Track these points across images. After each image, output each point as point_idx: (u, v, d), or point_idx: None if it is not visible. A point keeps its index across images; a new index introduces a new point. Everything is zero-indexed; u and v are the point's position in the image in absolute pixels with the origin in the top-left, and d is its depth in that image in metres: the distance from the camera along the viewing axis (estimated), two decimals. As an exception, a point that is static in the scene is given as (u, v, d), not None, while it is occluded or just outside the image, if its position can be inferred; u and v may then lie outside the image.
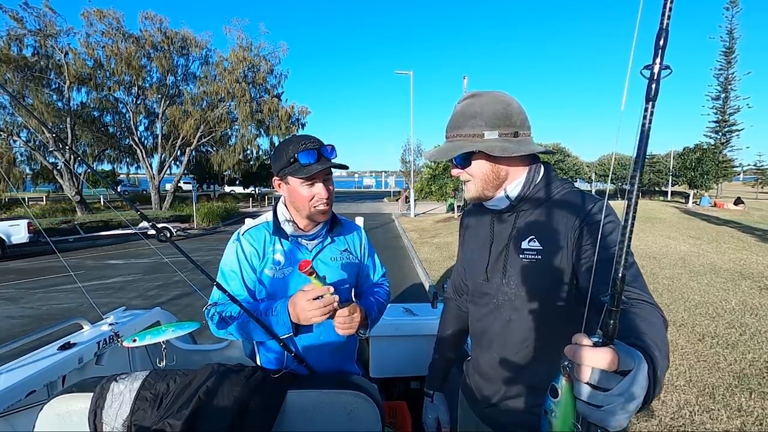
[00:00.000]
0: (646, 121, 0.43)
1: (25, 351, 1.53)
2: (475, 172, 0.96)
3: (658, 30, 0.42)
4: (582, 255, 0.85)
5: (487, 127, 0.92)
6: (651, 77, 0.43)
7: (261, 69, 20.39)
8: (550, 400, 0.50)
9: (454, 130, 0.95)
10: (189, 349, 2.09)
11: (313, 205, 1.18)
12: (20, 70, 15.20)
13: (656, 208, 17.60)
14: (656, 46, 0.42)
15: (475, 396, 1.09)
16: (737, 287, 5.81)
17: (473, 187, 0.98)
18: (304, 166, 1.12)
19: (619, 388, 0.46)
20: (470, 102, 0.95)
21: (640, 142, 0.44)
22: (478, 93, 0.96)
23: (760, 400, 2.97)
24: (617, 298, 0.48)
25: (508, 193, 0.97)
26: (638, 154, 0.45)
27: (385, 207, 25.05)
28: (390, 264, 8.31)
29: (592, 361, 0.47)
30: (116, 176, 32.96)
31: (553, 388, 0.50)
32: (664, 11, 0.41)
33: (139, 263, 9.13)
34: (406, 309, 2.28)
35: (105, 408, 1.04)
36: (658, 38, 0.42)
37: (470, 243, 1.12)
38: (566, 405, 0.49)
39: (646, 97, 0.43)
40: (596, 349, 0.47)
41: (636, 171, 0.45)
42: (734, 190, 33.54)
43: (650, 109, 0.43)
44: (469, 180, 0.98)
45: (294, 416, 1.08)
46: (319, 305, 1.02)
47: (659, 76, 0.43)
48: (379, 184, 58.95)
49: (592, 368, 0.47)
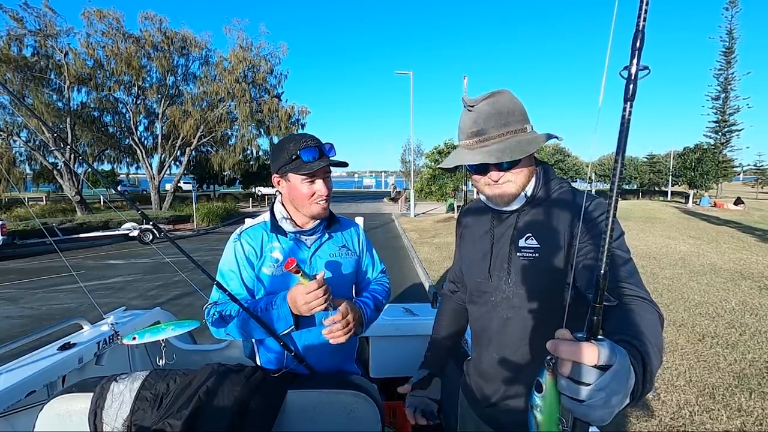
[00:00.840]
0: (624, 120, 0.45)
1: (25, 351, 1.53)
2: (520, 170, 0.92)
3: (634, 32, 0.43)
4: (578, 252, 0.85)
5: (526, 121, 0.91)
6: (628, 78, 0.44)
7: (261, 69, 20.37)
8: (535, 395, 0.51)
9: (500, 128, 0.88)
10: (189, 349, 2.09)
11: (313, 201, 1.19)
12: (20, 70, 15.18)
13: (656, 208, 17.61)
14: (633, 48, 0.44)
15: (475, 395, 1.09)
16: (737, 287, 5.81)
17: (515, 185, 0.92)
18: (306, 162, 1.13)
19: (599, 383, 0.46)
20: (497, 99, 0.90)
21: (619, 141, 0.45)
22: (497, 92, 0.91)
23: (760, 400, 2.97)
24: (600, 294, 0.49)
25: (526, 192, 0.96)
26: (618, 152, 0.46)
27: (384, 207, 25.04)
28: (390, 264, 8.31)
29: (572, 356, 0.47)
30: (116, 176, 32.96)
31: (538, 383, 0.51)
32: (640, 13, 0.42)
33: (139, 263, 9.13)
34: (406, 309, 2.28)
35: (105, 408, 1.04)
36: (635, 40, 0.43)
37: (470, 242, 1.12)
38: (551, 400, 0.50)
39: (624, 97, 0.44)
40: (576, 344, 0.47)
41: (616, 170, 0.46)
42: (734, 190, 33.55)
43: (628, 109, 0.44)
44: (509, 180, 0.92)
45: (294, 416, 1.08)
46: (318, 293, 1.04)
47: (636, 77, 0.44)
48: (379, 184, 58.95)
49: (573, 363, 0.47)
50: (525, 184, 0.94)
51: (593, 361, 0.47)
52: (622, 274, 0.76)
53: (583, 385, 0.47)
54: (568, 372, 0.48)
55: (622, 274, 0.76)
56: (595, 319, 0.48)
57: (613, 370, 0.47)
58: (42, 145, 17.70)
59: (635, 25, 0.43)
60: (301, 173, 1.14)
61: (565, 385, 0.48)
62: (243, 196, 30.82)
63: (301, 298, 1.05)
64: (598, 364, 0.47)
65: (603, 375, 0.46)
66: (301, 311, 1.08)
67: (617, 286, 0.74)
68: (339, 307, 1.11)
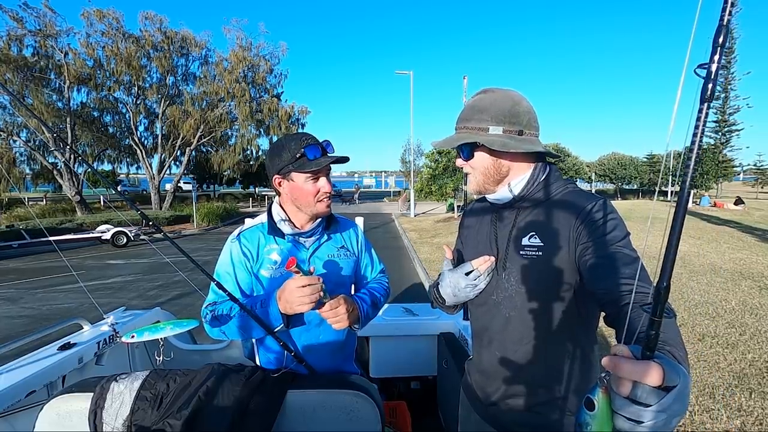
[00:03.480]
0: (700, 123, 0.41)
1: (25, 351, 1.53)
2: (476, 164, 0.99)
3: (717, 27, 0.39)
4: (585, 252, 0.85)
5: (493, 122, 0.93)
6: (707, 76, 0.40)
7: (261, 69, 20.37)
8: (585, 412, 0.47)
9: (462, 122, 0.98)
10: (189, 349, 2.09)
11: (318, 199, 1.19)
12: (20, 70, 15.18)
13: (656, 208, 17.59)
14: (714, 44, 0.40)
15: (477, 395, 1.09)
16: (737, 287, 5.81)
17: (473, 179, 1.01)
18: (312, 160, 1.13)
19: (661, 404, 0.44)
20: (481, 97, 0.97)
21: (692, 144, 0.41)
22: (491, 89, 0.98)
23: (760, 400, 2.97)
24: (660, 308, 0.45)
25: (512, 188, 0.98)
26: (690, 156, 0.42)
27: (385, 207, 25.04)
28: (390, 264, 8.31)
29: (636, 376, 0.44)
30: (116, 176, 32.94)
31: (589, 401, 0.47)
32: (725, 6, 0.39)
33: (139, 263, 9.13)
34: (406, 309, 2.28)
35: (105, 408, 1.04)
36: (717, 35, 0.39)
37: (471, 242, 1.12)
38: (602, 419, 0.47)
39: (701, 97, 0.40)
40: (641, 363, 0.45)
41: (686, 175, 0.43)
42: (734, 190, 33.53)
43: (705, 110, 0.40)
44: (470, 172, 1.01)
45: (294, 416, 1.08)
46: (306, 292, 1.02)
47: (716, 75, 0.40)
48: (379, 184, 58.93)
49: (633, 382, 0.45)
50: (483, 179, 0.99)
51: (658, 382, 0.44)
52: (633, 272, 0.76)
53: (643, 406, 0.44)
54: (627, 392, 0.45)
55: (632, 273, 0.76)
56: (653, 333, 0.45)
57: (676, 391, 0.45)
58: (42, 145, 17.70)
59: (719, 20, 0.39)
60: (307, 170, 1.14)
61: (623, 405, 0.45)
62: (243, 196, 30.83)
63: (290, 295, 1.03)
64: (662, 386, 0.44)
65: (665, 396, 0.44)
66: (288, 310, 1.06)
67: (629, 283, 0.74)
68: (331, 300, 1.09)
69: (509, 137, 0.93)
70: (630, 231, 0.87)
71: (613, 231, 0.83)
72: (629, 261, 0.78)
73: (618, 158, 35.04)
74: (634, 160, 34.75)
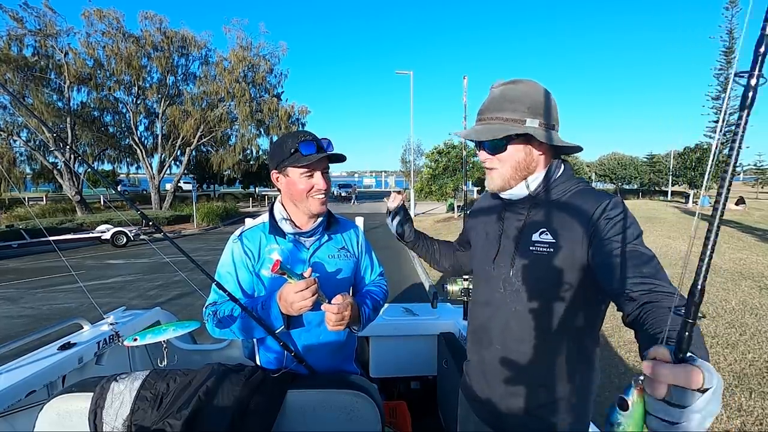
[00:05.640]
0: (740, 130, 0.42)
1: (25, 351, 1.53)
2: (507, 158, 0.94)
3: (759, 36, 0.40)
4: (600, 251, 0.83)
5: (530, 114, 0.91)
6: (748, 85, 0.42)
7: (261, 69, 20.37)
8: (618, 412, 0.48)
9: (492, 112, 0.93)
10: (189, 349, 2.09)
11: (311, 195, 1.19)
12: (20, 70, 15.18)
13: (656, 208, 17.59)
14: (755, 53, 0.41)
15: (476, 396, 1.09)
16: (737, 287, 5.81)
17: (499, 175, 0.96)
18: (305, 155, 1.14)
19: (697, 405, 0.44)
20: (511, 87, 0.93)
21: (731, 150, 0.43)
22: (518, 80, 0.95)
23: (760, 400, 2.97)
24: (695, 310, 0.45)
25: (529, 185, 0.96)
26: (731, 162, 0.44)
27: (385, 207, 24.96)
28: (390, 264, 8.32)
29: (676, 380, 0.45)
30: (116, 176, 32.92)
31: (623, 401, 0.47)
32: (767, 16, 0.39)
33: (138, 263, 9.13)
34: (406, 309, 2.28)
35: (105, 408, 1.04)
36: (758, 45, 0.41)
37: (480, 229, 1.11)
38: (636, 419, 0.47)
39: (741, 104, 0.42)
40: (682, 368, 0.45)
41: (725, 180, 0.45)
42: (734, 190, 33.48)
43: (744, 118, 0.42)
44: (495, 168, 0.96)
45: (294, 416, 1.08)
46: (305, 295, 1.02)
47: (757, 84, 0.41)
48: (379, 183, 58.93)
49: (671, 385, 0.45)
50: (511, 174, 0.95)
51: (698, 386, 0.44)
52: (651, 271, 0.76)
53: (679, 408, 0.44)
54: (664, 394, 0.45)
55: (650, 271, 0.76)
56: (687, 335, 0.46)
57: (711, 391, 0.45)
58: (42, 145, 17.70)
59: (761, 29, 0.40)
60: (300, 165, 1.14)
61: (660, 408, 0.45)
62: (243, 196, 30.81)
63: (290, 298, 1.04)
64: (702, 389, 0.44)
65: (701, 397, 0.44)
66: (289, 311, 1.07)
67: (647, 281, 0.74)
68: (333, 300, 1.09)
69: (548, 131, 0.91)
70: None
71: (628, 229, 0.82)
72: (646, 260, 0.78)
73: (618, 158, 35.05)
74: (634, 160, 34.74)
